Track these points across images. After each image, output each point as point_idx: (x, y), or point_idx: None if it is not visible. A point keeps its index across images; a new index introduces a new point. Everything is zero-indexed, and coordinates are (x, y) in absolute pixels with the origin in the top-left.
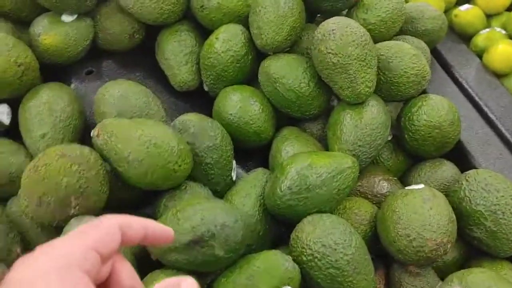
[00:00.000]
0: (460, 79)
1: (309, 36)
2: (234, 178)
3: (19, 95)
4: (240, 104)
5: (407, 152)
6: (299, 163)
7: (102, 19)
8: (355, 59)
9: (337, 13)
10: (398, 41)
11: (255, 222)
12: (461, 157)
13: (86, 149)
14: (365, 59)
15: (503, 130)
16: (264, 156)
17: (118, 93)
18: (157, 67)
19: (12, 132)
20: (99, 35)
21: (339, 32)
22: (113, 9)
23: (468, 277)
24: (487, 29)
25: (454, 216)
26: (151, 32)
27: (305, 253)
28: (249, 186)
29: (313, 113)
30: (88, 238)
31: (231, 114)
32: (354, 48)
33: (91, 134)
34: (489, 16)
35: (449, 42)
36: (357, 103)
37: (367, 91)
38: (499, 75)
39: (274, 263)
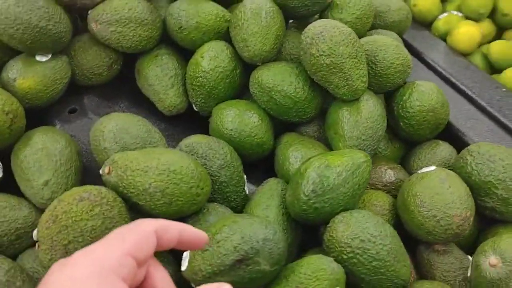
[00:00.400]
0: (433, 64)
1: (289, 42)
2: (247, 192)
3: (8, 146)
4: (238, 119)
5: (403, 139)
6: (317, 165)
7: (77, 55)
8: (347, 57)
9: (311, 17)
10: (378, 35)
11: (283, 231)
12: (452, 136)
13: (102, 189)
14: (356, 56)
15: (484, 104)
16: (265, 166)
17: (117, 126)
18: (139, 94)
19: (2, 186)
20: (76, 71)
21: (328, 34)
22: (87, 43)
23: (500, 244)
24: (445, 14)
25: (469, 190)
26: (125, 59)
27: (344, 251)
28: (267, 198)
29: (310, 116)
30: (125, 243)
31: (231, 130)
32: (345, 47)
33: (101, 172)
34: (444, 1)
35: (412, 31)
36: (352, 100)
37: (363, 86)
38: (464, 55)
39: (320, 266)
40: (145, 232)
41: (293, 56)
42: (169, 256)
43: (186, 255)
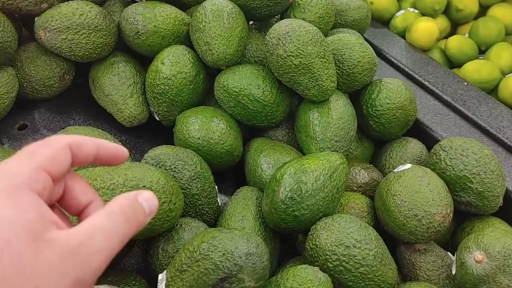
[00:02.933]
0: (395, 61)
1: (252, 44)
2: (219, 204)
3: None
4: (205, 126)
5: (372, 138)
6: (293, 171)
7: (24, 66)
8: (316, 57)
9: (272, 17)
10: (343, 34)
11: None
12: (420, 132)
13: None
14: (324, 55)
15: (449, 100)
16: (234, 174)
17: None
18: (95, 106)
19: None
20: (24, 84)
21: (295, 34)
22: (35, 52)
23: (483, 240)
24: (402, 11)
25: (446, 186)
26: (78, 69)
27: (330, 260)
28: (242, 208)
29: (279, 119)
30: (37, 158)
31: (198, 138)
32: (313, 46)
33: None
34: None
35: (371, 29)
36: (322, 101)
37: (332, 86)
38: (423, 51)
39: (307, 277)
40: (58, 146)
41: (257, 59)
42: (142, 280)
43: (162, 277)
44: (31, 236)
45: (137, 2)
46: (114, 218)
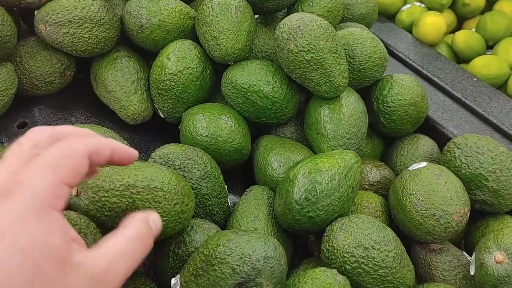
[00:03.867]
0: (403, 56)
1: (259, 39)
2: (229, 204)
3: None
4: (213, 124)
5: (383, 135)
6: (307, 170)
7: (24, 61)
8: (328, 52)
9: (279, 11)
10: (353, 28)
11: None
12: (430, 129)
13: (72, 214)
14: (336, 50)
15: (459, 96)
16: (242, 172)
17: None
18: (97, 103)
19: None
20: (24, 80)
21: (306, 28)
22: (35, 47)
23: (504, 240)
24: (408, 5)
25: (463, 184)
26: (79, 64)
27: (348, 262)
28: (253, 208)
29: (289, 116)
30: (61, 173)
31: (206, 136)
32: (325, 41)
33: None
34: None
35: (377, 23)
36: (333, 97)
37: (344, 82)
38: (430, 46)
39: (326, 281)
40: (80, 157)
41: (265, 53)
42: (152, 284)
43: (175, 282)
44: (60, 262)
45: None
46: (133, 243)
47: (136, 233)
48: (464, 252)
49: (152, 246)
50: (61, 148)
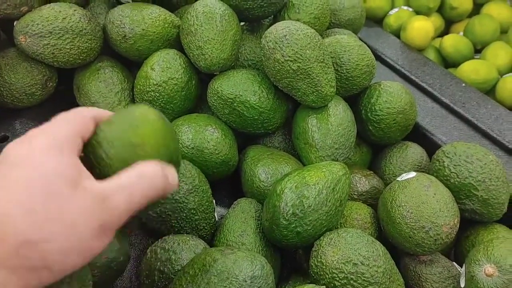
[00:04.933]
0: (391, 62)
1: (245, 47)
2: (216, 219)
3: None
4: (199, 135)
5: (371, 143)
6: (294, 185)
7: (4, 73)
8: (315, 61)
9: (265, 18)
10: (340, 36)
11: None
12: (418, 136)
13: None
14: (323, 59)
15: (448, 102)
16: (229, 183)
17: None
18: None
19: None
20: (4, 92)
21: (292, 37)
22: (15, 59)
23: (493, 252)
24: (395, 9)
25: (452, 195)
26: (61, 75)
27: (337, 278)
28: (240, 222)
29: (276, 126)
30: (76, 126)
31: (192, 148)
32: (311, 50)
33: None
34: None
35: (365, 28)
36: (320, 106)
37: (332, 91)
38: (418, 50)
39: None
40: (89, 117)
41: (251, 62)
42: None
43: None
44: (71, 182)
45: (123, 3)
46: (142, 181)
47: (148, 172)
48: (454, 263)
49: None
50: (71, 112)
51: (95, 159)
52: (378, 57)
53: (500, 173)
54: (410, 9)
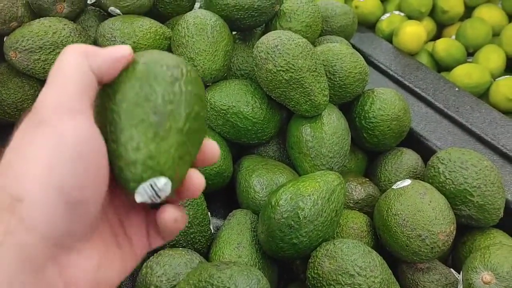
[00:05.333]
0: (383, 67)
1: (237, 57)
2: (212, 230)
3: None
4: None
5: (366, 149)
6: (289, 196)
7: None
8: (307, 71)
9: (257, 27)
10: (332, 44)
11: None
12: (413, 142)
13: None
14: (315, 68)
15: (441, 107)
16: (224, 194)
17: None
18: None
19: None
20: None
21: (284, 47)
22: (6, 74)
23: (490, 259)
24: (387, 14)
25: (447, 202)
26: None
27: None
28: (236, 234)
29: (270, 135)
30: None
31: None
32: (303, 60)
33: None
34: (383, 1)
35: (357, 34)
36: (314, 115)
37: (325, 100)
38: (411, 55)
39: None
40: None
41: (244, 72)
42: None
43: None
44: None
45: (114, 16)
46: None
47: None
48: (452, 269)
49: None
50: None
51: None
52: (371, 63)
53: (495, 178)
54: (402, 14)
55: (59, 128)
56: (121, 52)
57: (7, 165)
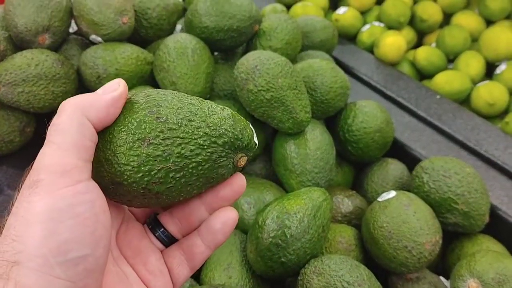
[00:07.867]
0: (366, 78)
1: (220, 77)
2: None
3: None
4: None
5: (351, 162)
6: (275, 215)
7: None
8: (288, 89)
9: (237, 47)
10: (312, 60)
11: None
12: (398, 151)
13: None
14: (296, 86)
15: (424, 115)
16: None
17: None
18: None
19: None
20: None
21: (263, 67)
22: None
23: (475, 267)
24: (367, 26)
25: (432, 211)
26: (38, 119)
27: None
28: (226, 255)
29: (255, 154)
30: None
31: None
32: (284, 78)
33: None
34: (362, 13)
35: (339, 46)
36: (297, 133)
37: (307, 117)
38: (392, 64)
39: None
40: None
41: (226, 92)
42: None
43: None
44: None
45: (96, 44)
46: None
47: None
48: (441, 277)
49: None
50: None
51: None
52: (354, 75)
53: (479, 185)
54: (382, 25)
55: (56, 189)
56: (111, 94)
57: (6, 230)
